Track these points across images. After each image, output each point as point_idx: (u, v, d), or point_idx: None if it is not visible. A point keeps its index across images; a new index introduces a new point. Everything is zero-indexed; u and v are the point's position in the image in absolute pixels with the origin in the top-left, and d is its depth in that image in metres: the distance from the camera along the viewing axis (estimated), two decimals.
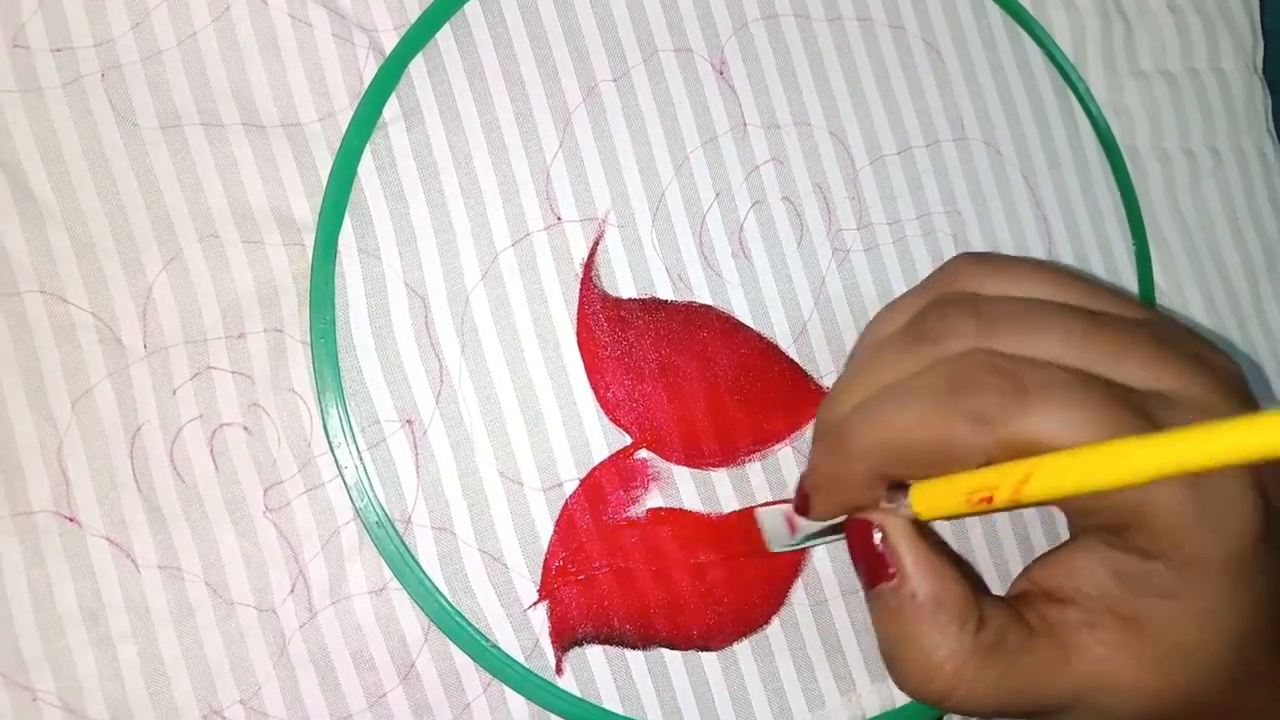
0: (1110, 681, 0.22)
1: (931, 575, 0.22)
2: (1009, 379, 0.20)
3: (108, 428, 0.25)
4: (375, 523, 0.26)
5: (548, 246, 0.28)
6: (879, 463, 0.22)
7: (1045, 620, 0.22)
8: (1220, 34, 0.35)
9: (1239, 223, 0.35)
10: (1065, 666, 0.22)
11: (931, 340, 0.22)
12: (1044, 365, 0.21)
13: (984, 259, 0.24)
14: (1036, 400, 0.20)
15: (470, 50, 0.28)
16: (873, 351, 0.23)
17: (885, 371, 0.22)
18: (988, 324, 0.21)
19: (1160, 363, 0.21)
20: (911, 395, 0.21)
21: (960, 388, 0.20)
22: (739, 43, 0.30)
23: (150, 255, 0.26)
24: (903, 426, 0.21)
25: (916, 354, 0.22)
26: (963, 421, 0.20)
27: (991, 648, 0.22)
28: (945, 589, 0.22)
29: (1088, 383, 0.20)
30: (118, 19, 0.26)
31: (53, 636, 0.25)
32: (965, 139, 0.32)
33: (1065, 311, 0.22)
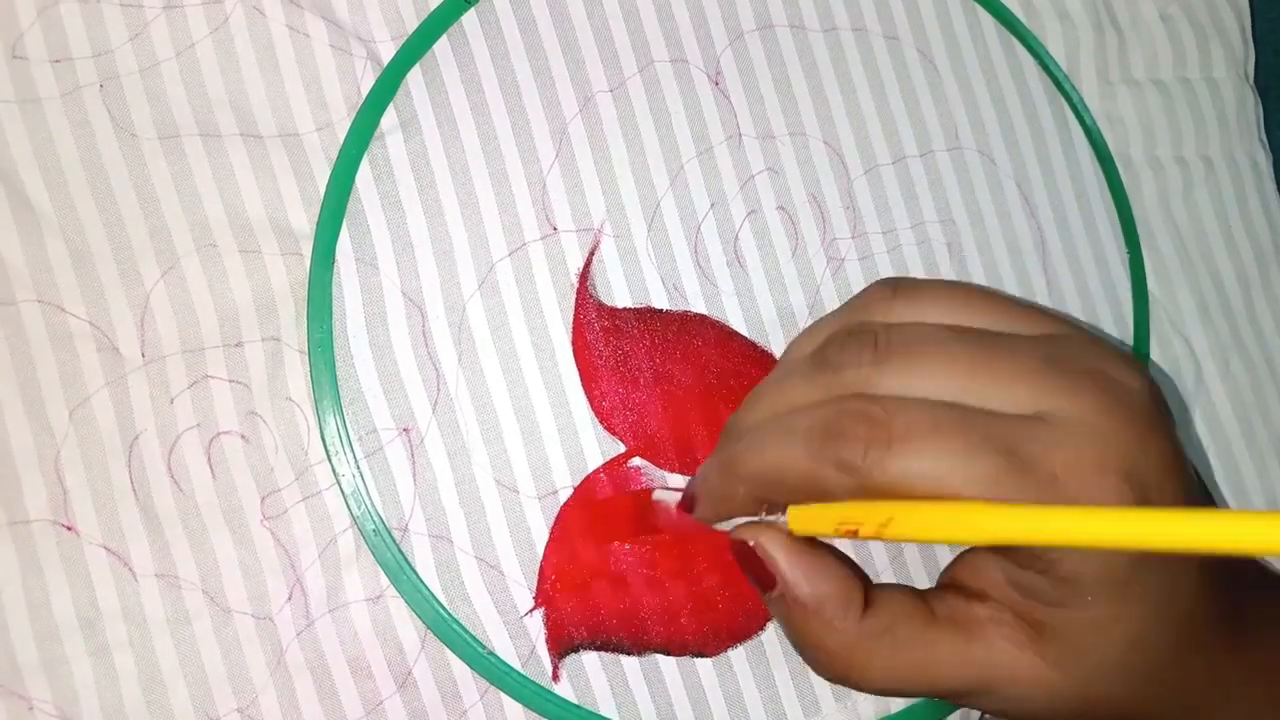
0: (1011, 672, 0.23)
1: (807, 578, 0.24)
2: (877, 429, 0.21)
3: (105, 437, 0.26)
4: (372, 531, 0.26)
5: (544, 256, 0.28)
6: (759, 488, 0.24)
7: (953, 612, 0.24)
8: (1212, 43, 0.36)
9: (1232, 230, 0.35)
10: (966, 655, 0.23)
11: (831, 369, 0.23)
12: (916, 408, 0.22)
13: (896, 285, 0.25)
14: (897, 449, 0.21)
15: (467, 61, 0.28)
16: (781, 373, 0.25)
17: (787, 394, 0.24)
18: (881, 354, 0.23)
19: (1044, 382, 0.22)
20: (791, 435, 0.23)
21: (831, 435, 0.22)
22: (734, 53, 0.30)
23: (148, 265, 0.26)
24: (780, 462, 0.23)
25: (816, 381, 0.23)
26: (830, 467, 0.22)
27: (880, 633, 0.23)
28: (822, 588, 0.23)
29: (953, 428, 0.21)
30: (116, 30, 0.26)
31: (49, 645, 0.25)
32: (959, 148, 0.32)
33: (958, 341, 0.23)
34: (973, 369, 0.22)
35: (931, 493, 0.21)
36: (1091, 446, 0.21)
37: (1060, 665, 0.23)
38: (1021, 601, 0.23)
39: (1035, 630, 0.23)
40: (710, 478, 0.25)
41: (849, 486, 0.22)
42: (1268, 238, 0.36)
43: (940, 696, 0.24)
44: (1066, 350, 0.22)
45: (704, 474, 0.25)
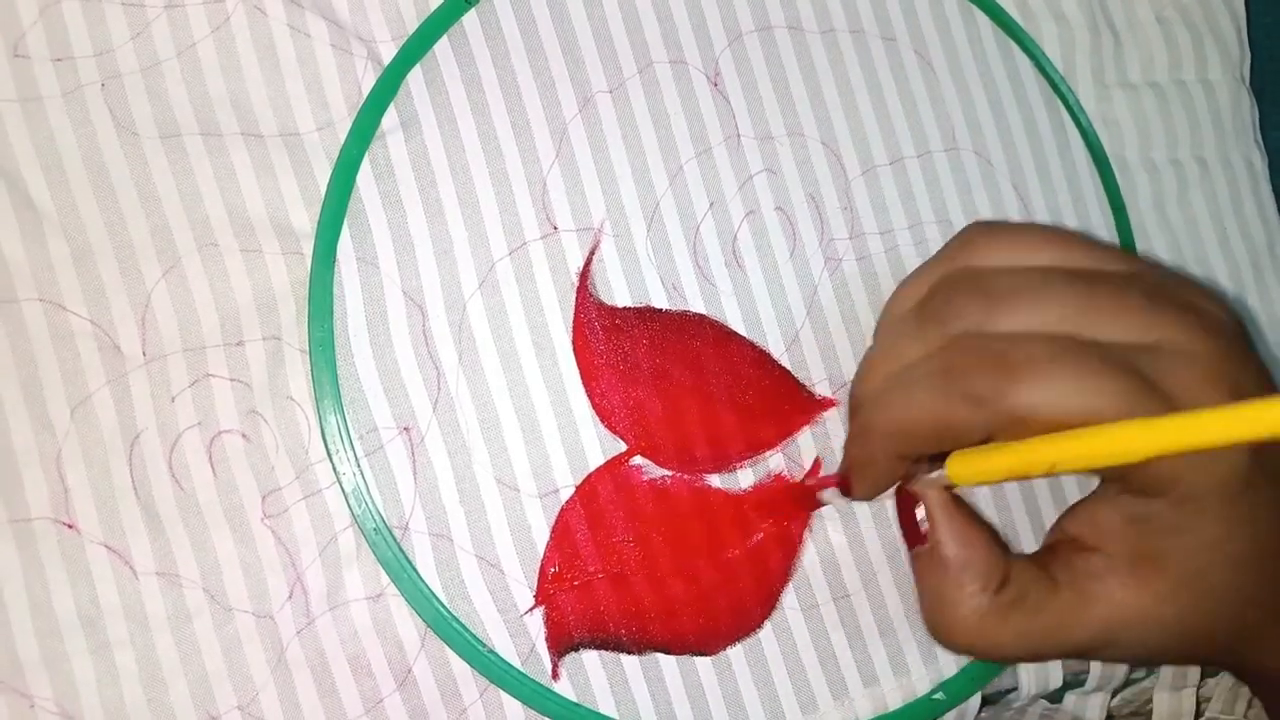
0: (1131, 619, 0.24)
1: (959, 541, 0.25)
2: (997, 359, 0.22)
3: (106, 435, 0.26)
4: (373, 529, 0.26)
5: (544, 256, 0.28)
6: (897, 445, 0.24)
7: (1070, 569, 0.25)
8: (1208, 46, 0.36)
9: (1226, 232, 0.35)
10: (1087, 613, 0.24)
11: (939, 321, 0.24)
12: (1032, 340, 0.22)
13: (991, 230, 0.26)
14: (1023, 376, 0.22)
15: (468, 61, 0.28)
16: (888, 332, 0.26)
17: (900, 352, 0.25)
18: (992, 300, 0.23)
19: (1151, 316, 0.23)
20: (914, 384, 0.23)
21: (954, 373, 0.23)
22: (733, 55, 0.31)
23: (149, 263, 0.26)
24: (911, 413, 0.23)
25: (926, 335, 0.24)
26: (960, 404, 0.22)
27: (1012, 604, 0.24)
28: (971, 554, 0.25)
29: (1072, 351, 0.22)
30: (118, 29, 0.27)
31: (50, 643, 0.25)
32: (956, 149, 0.32)
33: (1063, 279, 0.23)
34: (1080, 306, 0.23)
35: (1062, 416, 0.21)
36: (1201, 368, 0.22)
37: (1175, 596, 0.23)
38: (1137, 538, 0.24)
39: (1151, 565, 0.23)
40: (850, 452, 0.26)
41: (981, 420, 0.22)
42: (1262, 240, 0.36)
43: (1065, 656, 0.25)
44: (1162, 285, 0.24)
45: (846, 449, 0.26)
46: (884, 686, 0.29)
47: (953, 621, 0.25)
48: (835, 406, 0.30)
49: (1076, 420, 0.21)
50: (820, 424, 0.30)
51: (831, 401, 0.30)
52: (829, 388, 0.30)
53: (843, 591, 0.29)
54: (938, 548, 0.25)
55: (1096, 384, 0.22)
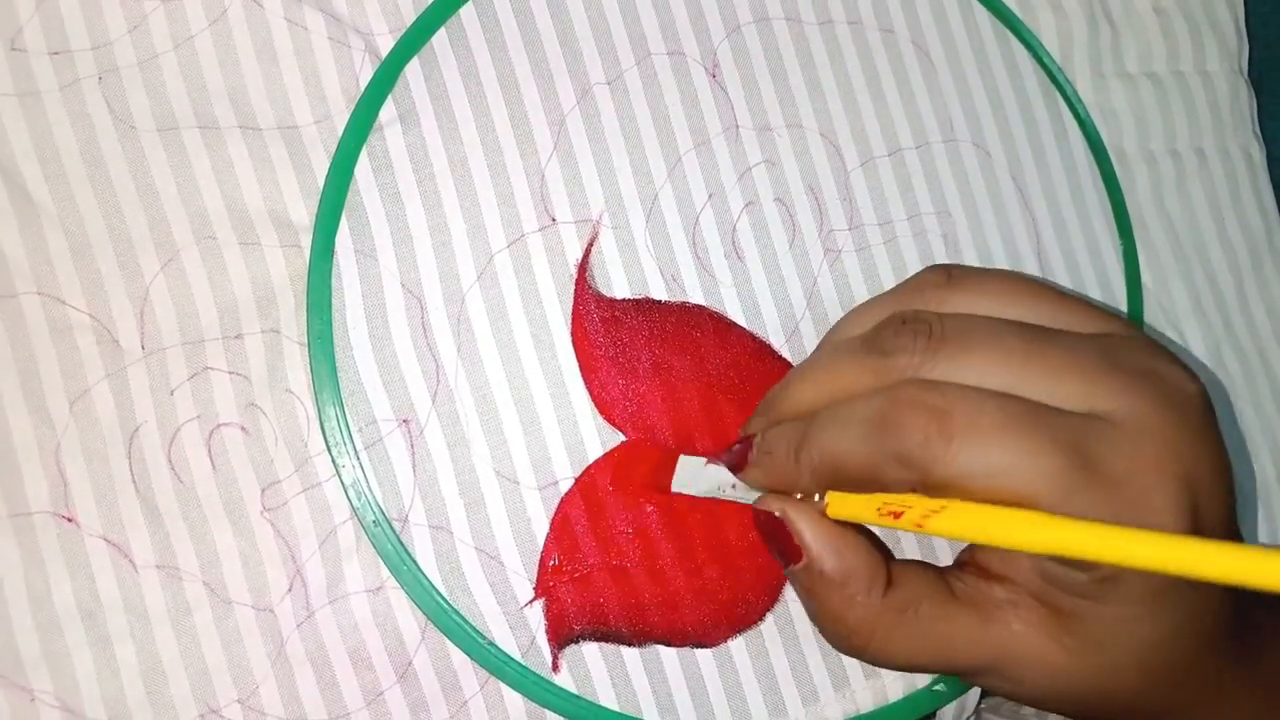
0: (1024, 656, 0.23)
1: (834, 551, 0.24)
2: (936, 420, 0.21)
3: (105, 428, 0.26)
4: (372, 522, 0.26)
5: (542, 247, 0.28)
6: (824, 479, 0.24)
7: (972, 592, 0.24)
8: (1206, 36, 0.36)
9: (1225, 222, 0.35)
10: (982, 634, 0.23)
11: (882, 354, 0.23)
12: (977, 399, 0.21)
13: (950, 272, 0.25)
14: (958, 443, 0.21)
15: (465, 53, 0.28)
16: (831, 353, 0.25)
17: (837, 376, 0.24)
18: (935, 343, 0.23)
19: (1102, 381, 0.21)
20: (849, 423, 0.23)
21: (889, 427, 0.22)
22: (731, 46, 0.31)
23: (148, 257, 0.26)
24: (841, 453, 0.23)
25: (867, 365, 0.23)
26: (889, 461, 0.22)
27: (902, 608, 0.24)
28: (848, 562, 0.24)
29: (1017, 419, 0.21)
30: (115, 22, 0.27)
31: (51, 636, 0.25)
32: (955, 141, 0.32)
33: (1015, 332, 0.22)
34: (1028, 361, 0.22)
35: (992, 489, 0.20)
36: (1151, 449, 0.21)
37: (1076, 654, 0.22)
38: (1046, 590, 0.22)
39: (1055, 617, 0.23)
40: (775, 455, 0.25)
41: (907, 480, 0.21)
42: (1260, 230, 0.36)
43: (954, 674, 0.24)
44: (1121, 349, 0.22)
45: (768, 449, 0.25)
46: (885, 678, 0.29)
47: (844, 631, 0.24)
48: None
49: (1005, 494, 0.20)
50: None
51: None
52: None
53: None
54: (814, 563, 0.24)
55: (1035, 461, 0.20)
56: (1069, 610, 0.22)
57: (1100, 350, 0.22)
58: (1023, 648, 0.23)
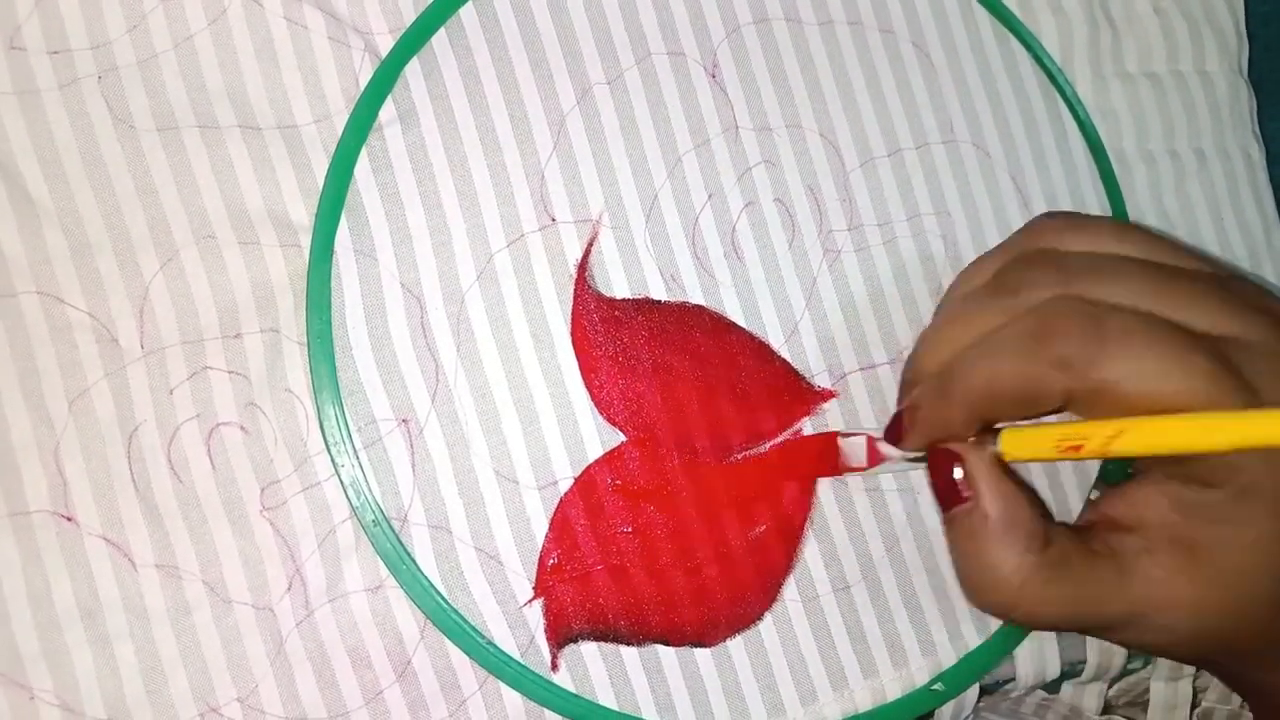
0: (1164, 601, 0.23)
1: (1003, 499, 0.24)
2: (1090, 323, 0.22)
3: (105, 428, 0.26)
4: (371, 521, 0.26)
5: (542, 247, 0.28)
6: (977, 408, 0.24)
7: (1107, 545, 0.24)
8: (1205, 36, 0.36)
9: (1223, 223, 0.35)
10: (1123, 587, 0.24)
11: (1013, 292, 0.24)
12: (1123, 310, 0.22)
13: (1064, 218, 0.25)
14: (1114, 346, 0.22)
15: (465, 53, 0.28)
16: (959, 304, 0.25)
17: (972, 323, 0.24)
18: (1067, 275, 0.23)
19: (1228, 311, 0.23)
20: (1003, 344, 0.23)
21: (1045, 333, 0.22)
22: (731, 46, 0.31)
23: (147, 256, 0.26)
24: (996, 374, 0.23)
25: (1000, 306, 0.24)
26: (1047, 366, 0.22)
27: (1055, 564, 0.24)
28: (1015, 511, 0.24)
29: (1164, 328, 0.22)
30: (114, 21, 0.27)
31: (50, 635, 0.25)
32: (954, 141, 0.32)
33: (1137, 264, 0.23)
34: (1157, 290, 0.22)
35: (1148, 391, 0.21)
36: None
37: (1213, 587, 0.23)
38: (1181, 524, 0.23)
39: (1190, 555, 0.23)
40: (923, 406, 0.25)
41: (1066, 386, 0.22)
42: (1259, 230, 0.36)
43: (1091, 631, 0.25)
44: (1235, 286, 0.24)
45: (915, 404, 0.25)
46: (883, 678, 0.29)
47: (995, 582, 0.24)
48: (835, 398, 0.30)
49: (1160, 397, 0.21)
50: (820, 414, 0.30)
51: (831, 393, 0.30)
52: (828, 379, 0.30)
53: (843, 583, 0.29)
54: (980, 506, 0.24)
55: (1187, 364, 0.21)
56: (1204, 541, 0.23)
57: (1218, 284, 0.23)
58: (1160, 593, 0.23)
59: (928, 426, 0.25)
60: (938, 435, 0.25)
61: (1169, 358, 0.21)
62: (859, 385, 0.30)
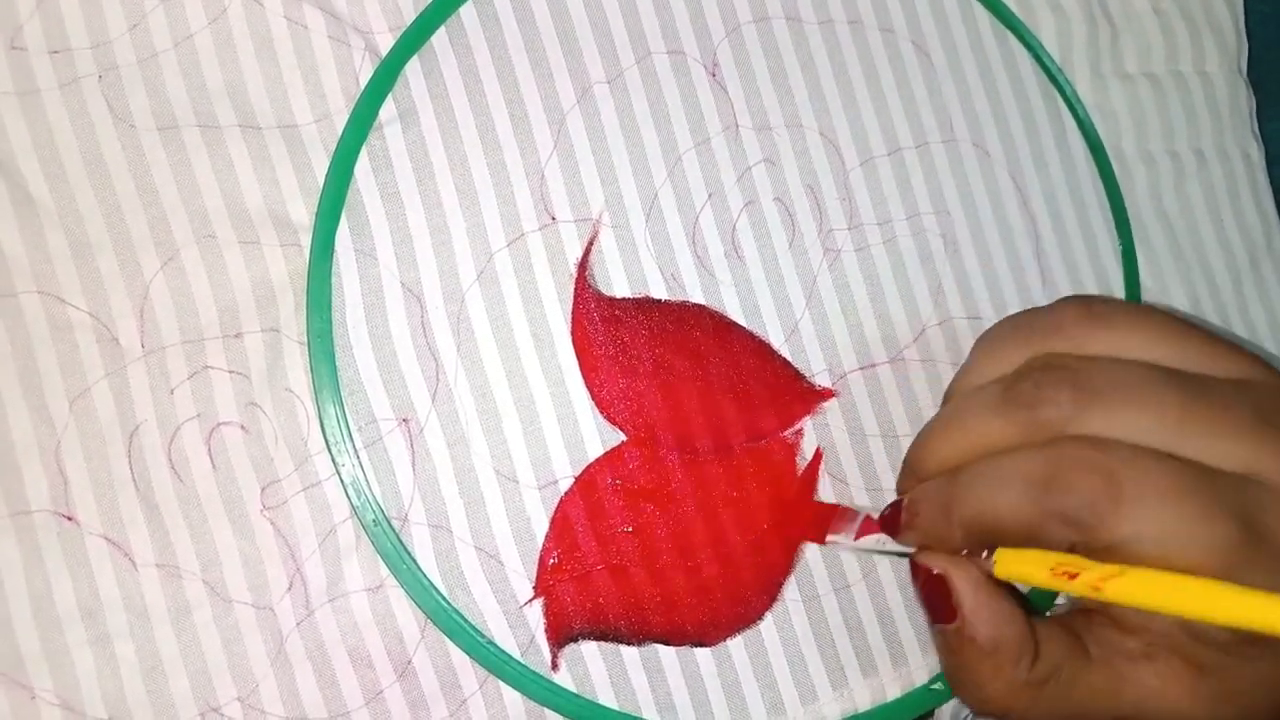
0: (1159, 707, 0.22)
1: (990, 620, 0.23)
2: (1105, 481, 0.20)
3: (105, 427, 0.26)
4: (372, 521, 0.26)
5: (542, 247, 0.28)
6: (976, 536, 0.23)
7: (1106, 645, 0.23)
8: (1205, 36, 0.36)
9: (1223, 223, 0.36)
10: (1118, 690, 0.23)
11: (1026, 407, 0.22)
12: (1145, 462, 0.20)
13: (1091, 309, 0.23)
14: (1128, 506, 0.20)
15: (465, 52, 0.28)
16: (968, 403, 0.24)
17: (980, 431, 0.23)
18: (1086, 395, 0.22)
19: (1260, 443, 0.21)
20: (1009, 481, 0.22)
21: (1056, 485, 0.21)
22: (731, 45, 0.31)
23: (147, 256, 0.26)
24: (999, 512, 0.22)
25: (1012, 419, 0.22)
26: (1053, 518, 0.21)
27: (1044, 680, 0.23)
28: (1003, 632, 0.23)
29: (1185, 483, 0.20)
30: (115, 21, 0.27)
31: (51, 635, 0.25)
32: (954, 140, 0.32)
33: (1166, 381, 0.21)
34: (1184, 418, 0.21)
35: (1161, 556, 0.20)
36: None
37: (1210, 703, 0.22)
38: (1188, 644, 0.22)
39: (1193, 670, 0.22)
40: (925, 514, 0.24)
41: (1071, 541, 0.21)
42: (1259, 230, 0.36)
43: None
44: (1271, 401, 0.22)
45: (916, 509, 0.24)
46: (883, 677, 0.29)
47: (983, 699, 0.23)
48: (834, 397, 0.30)
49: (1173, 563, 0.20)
50: (820, 414, 0.30)
51: (831, 392, 0.30)
52: (828, 378, 0.30)
53: (843, 582, 0.29)
54: (965, 627, 0.23)
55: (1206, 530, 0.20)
56: (1209, 665, 0.22)
57: (1255, 405, 0.21)
58: (1157, 700, 0.22)
59: (924, 535, 0.24)
60: (932, 545, 0.24)
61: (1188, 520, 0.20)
62: (859, 384, 0.30)
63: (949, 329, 0.31)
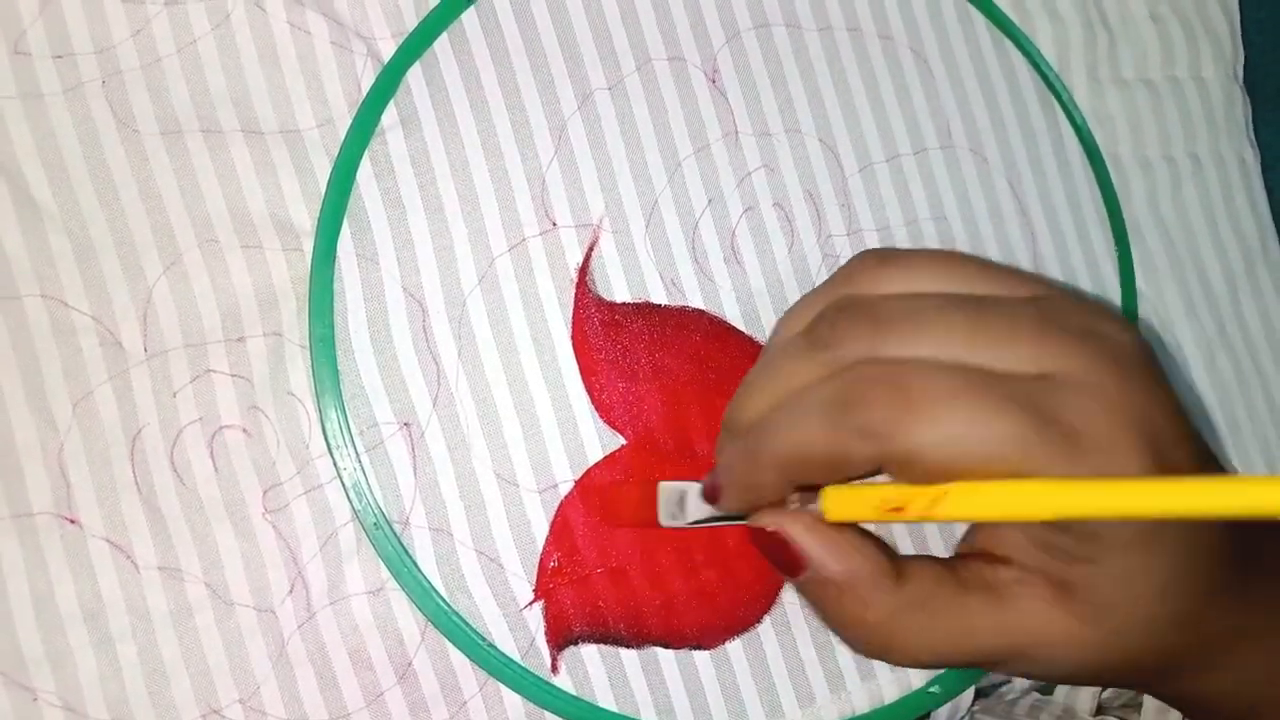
0: (1043, 634, 0.23)
1: (837, 554, 0.23)
2: (896, 391, 0.21)
3: (108, 430, 0.26)
4: (373, 524, 0.27)
5: (543, 252, 0.29)
6: (786, 471, 0.23)
7: (981, 576, 0.24)
8: (1201, 42, 0.36)
9: (1219, 228, 0.36)
10: (998, 619, 0.23)
11: (826, 346, 0.23)
12: (933, 371, 0.21)
13: (880, 256, 0.24)
14: (921, 413, 0.21)
15: (467, 58, 0.29)
16: (774, 356, 0.24)
17: (786, 377, 0.23)
18: (880, 326, 0.22)
19: (1046, 344, 0.21)
20: (808, 409, 0.22)
21: (850, 402, 0.21)
22: (731, 52, 0.31)
23: (150, 260, 0.26)
24: (802, 440, 0.22)
25: (813, 360, 0.23)
26: (852, 436, 0.21)
27: (919, 602, 0.23)
28: (853, 562, 0.23)
29: (972, 385, 0.21)
30: (118, 26, 0.27)
31: (53, 637, 0.25)
32: (952, 146, 0.33)
33: (955, 305, 0.22)
34: (973, 333, 0.22)
35: (956, 455, 0.20)
36: (1104, 403, 0.21)
37: (1090, 621, 0.22)
38: (1048, 561, 0.22)
39: (1062, 589, 0.22)
40: (735, 467, 0.24)
41: (872, 454, 0.21)
42: (1254, 235, 0.36)
43: (980, 664, 0.24)
44: (1058, 310, 0.22)
45: (728, 464, 0.24)
46: (880, 680, 0.30)
47: (863, 635, 0.24)
48: None
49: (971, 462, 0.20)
50: None
51: None
52: None
53: None
54: (819, 570, 0.23)
55: (995, 424, 0.20)
56: (1071, 579, 0.22)
57: (1039, 314, 0.22)
58: (1040, 625, 0.23)
59: (741, 489, 0.24)
60: (752, 498, 0.24)
61: (976, 420, 0.20)
62: None
63: None
